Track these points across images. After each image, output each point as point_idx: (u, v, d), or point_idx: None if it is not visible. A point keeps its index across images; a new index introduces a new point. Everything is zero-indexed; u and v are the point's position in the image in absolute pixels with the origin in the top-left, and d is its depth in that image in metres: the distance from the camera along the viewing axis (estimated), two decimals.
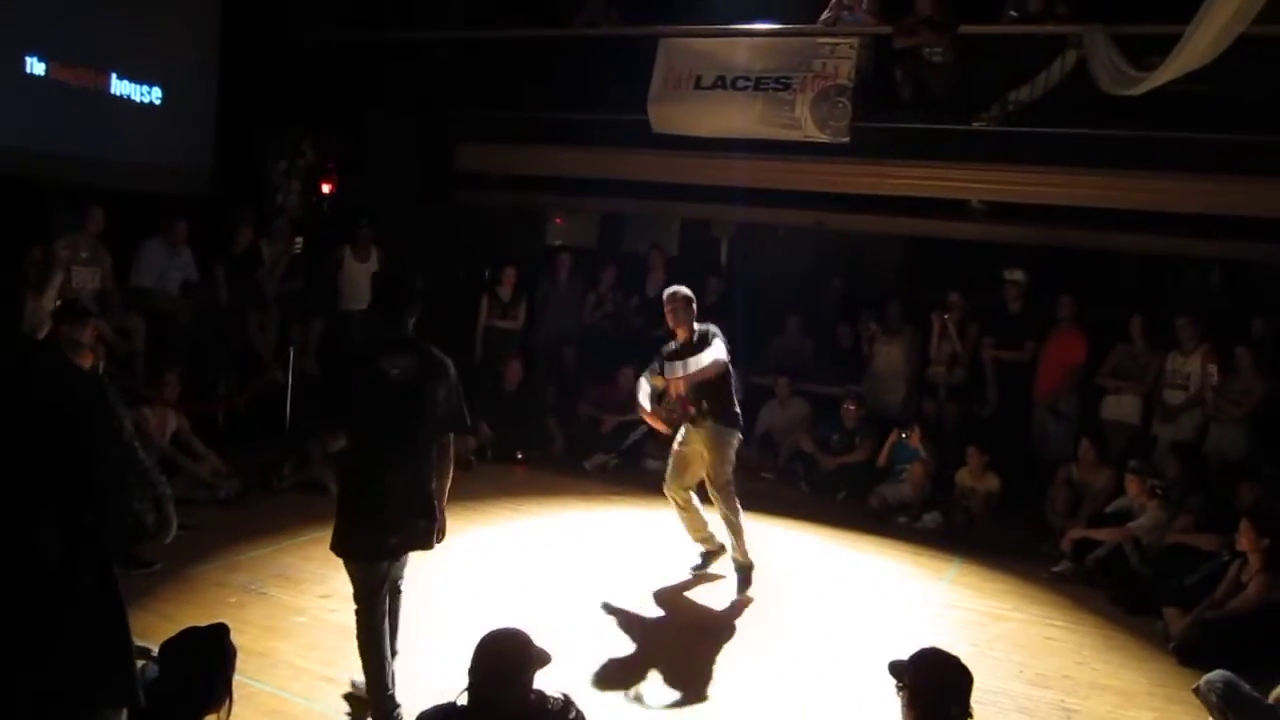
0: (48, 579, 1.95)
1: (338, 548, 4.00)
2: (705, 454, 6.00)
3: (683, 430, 6.09)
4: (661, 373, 5.98)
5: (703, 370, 5.78)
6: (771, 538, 7.34)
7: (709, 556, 6.37)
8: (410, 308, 3.99)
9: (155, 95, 9.27)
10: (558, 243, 12.23)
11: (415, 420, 3.90)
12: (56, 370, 2.02)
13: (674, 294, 5.98)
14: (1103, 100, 7.70)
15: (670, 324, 5.99)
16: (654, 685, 4.67)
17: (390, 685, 4.01)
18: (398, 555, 4.05)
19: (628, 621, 5.47)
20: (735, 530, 6.05)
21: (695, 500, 6.25)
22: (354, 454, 4.01)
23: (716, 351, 5.82)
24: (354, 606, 4.09)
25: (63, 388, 2.00)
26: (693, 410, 5.92)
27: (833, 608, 5.97)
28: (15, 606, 1.93)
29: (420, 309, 4.03)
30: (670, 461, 6.20)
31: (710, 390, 5.89)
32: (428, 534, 4.04)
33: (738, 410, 6.06)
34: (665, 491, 6.24)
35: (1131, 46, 7.50)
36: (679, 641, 5.26)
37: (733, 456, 6.04)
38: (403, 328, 3.97)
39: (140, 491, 2.04)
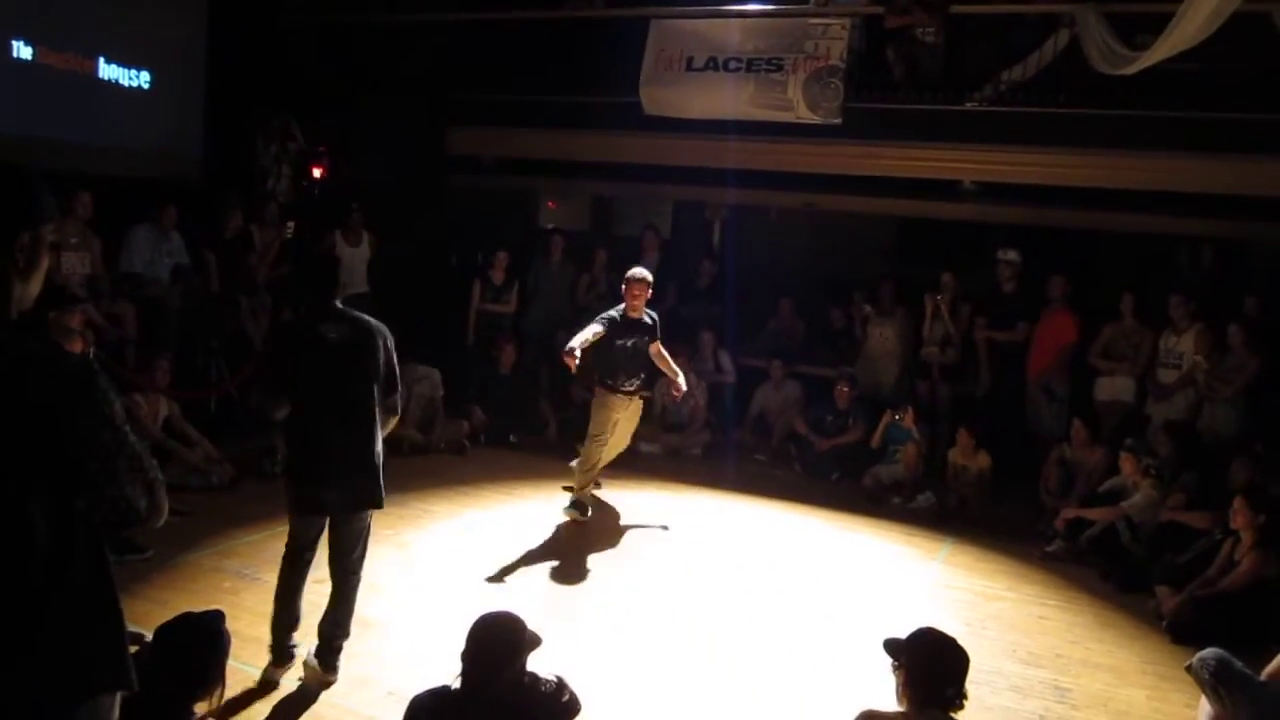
0: (39, 564, 1.94)
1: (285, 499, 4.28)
2: (629, 421, 7.01)
3: (611, 405, 6.85)
4: (613, 337, 6.66)
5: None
6: (765, 519, 7.37)
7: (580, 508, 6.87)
8: (336, 284, 4.31)
9: (144, 79, 9.21)
10: (550, 226, 12.20)
11: (355, 382, 4.12)
12: (44, 355, 2.00)
13: (645, 277, 6.80)
14: (1095, 79, 7.70)
15: (631, 302, 6.72)
16: (647, 666, 4.68)
17: (287, 633, 4.29)
18: (334, 512, 4.22)
19: (620, 604, 5.48)
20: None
21: None
22: (297, 416, 4.18)
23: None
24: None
25: (51, 373, 1.98)
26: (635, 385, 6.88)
27: (826, 588, 5.98)
28: (5, 591, 1.92)
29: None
30: (609, 433, 6.89)
31: (649, 368, 6.91)
32: (370, 492, 4.20)
33: None
34: (598, 456, 6.87)
35: (1124, 25, 7.48)
36: (672, 622, 5.25)
37: None
38: (332, 300, 4.21)
39: (131, 476, 2.03)
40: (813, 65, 8.70)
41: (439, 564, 5.87)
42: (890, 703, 3.08)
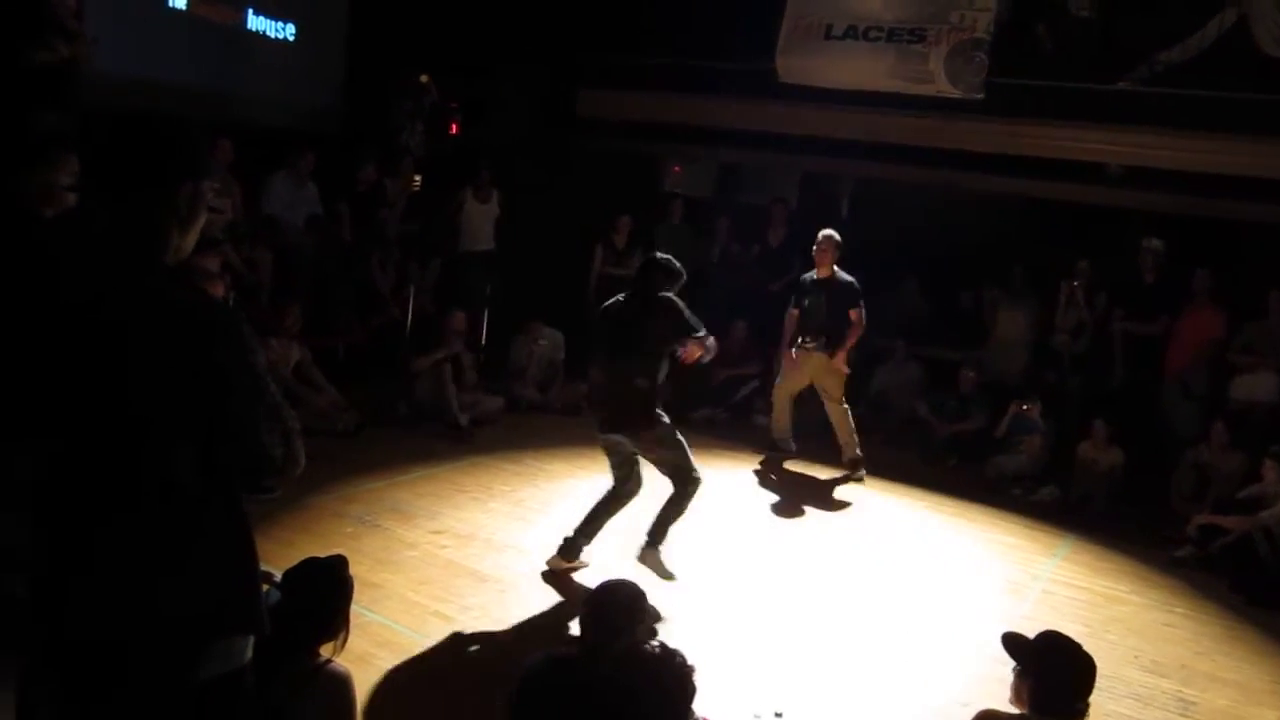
0: (182, 507, 1.99)
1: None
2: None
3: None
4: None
5: None
6: (878, 502, 7.25)
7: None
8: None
9: (289, 32, 9.44)
10: (677, 190, 12.11)
11: (630, 343, 5.03)
12: (194, 302, 2.05)
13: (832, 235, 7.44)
14: (1261, 63, 7.26)
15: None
16: (750, 644, 4.63)
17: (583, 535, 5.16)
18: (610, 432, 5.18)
19: (726, 578, 5.44)
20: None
21: None
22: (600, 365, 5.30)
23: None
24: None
25: (200, 320, 2.02)
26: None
27: (938, 578, 5.85)
28: (152, 532, 1.98)
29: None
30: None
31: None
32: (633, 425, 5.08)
33: None
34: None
35: None
36: (776, 600, 5.19)
37: None
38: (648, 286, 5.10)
39: (269, 425, 2.06)
40: (956, 37, 8.44)
41: (554, 523, 5.89)
42: (1002, 703, 2.99)
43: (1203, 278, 8.08)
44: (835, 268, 7.45)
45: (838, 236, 7.46)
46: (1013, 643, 2.93)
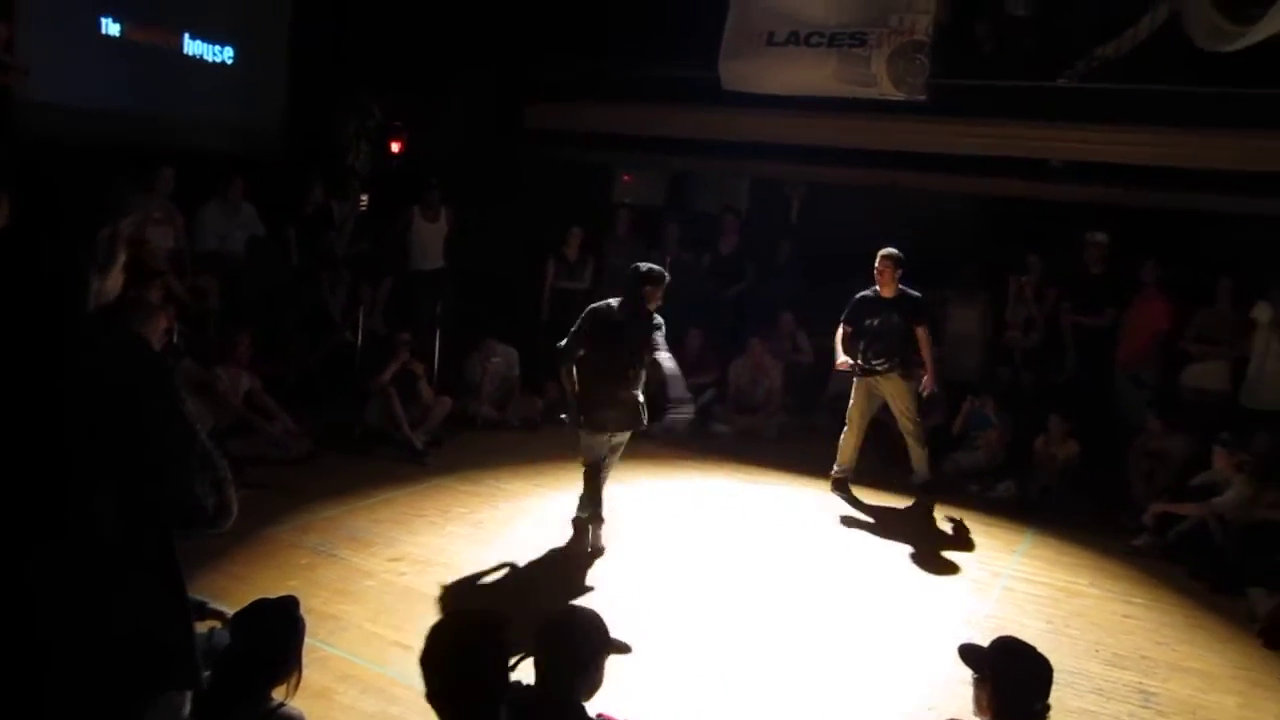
0: (105, 556, 1.94)
1: (580, 422, 5.70)
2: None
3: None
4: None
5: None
6: (838, 504, 7.26)
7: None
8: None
9: (227, 55, 9.32)
10: (624, 200, 12.10)
11: (625, 351, 5.59)
12: (122, 346, 2.01)
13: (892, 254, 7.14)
14: (1194, 56, 7.38)
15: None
16: (713, 657, 4.61)
17: (599, 503, 5.79)
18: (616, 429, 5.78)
19: (684, 588, 5.41)
20: None
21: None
22: (590, 370, 5.65)
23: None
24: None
25: (127, 365, 1.98)
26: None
27: (901, 580, 5.86)
28: (72, 583, 1.92)
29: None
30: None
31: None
32: (634, 419, 5.76)
33: None
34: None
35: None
36: (740, 610, 5.17)
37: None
38: (632, 302, 5.62)
39: (201, 474, 2.02)
40: (897, 40, 8.50)
41: (514, 544, 5.84)
42: (965, 710, 2.99)
43: (1150, 268, 8.19)
44: (901, 285, 7.14)
45: (899, 254, 7.11)
46: (968, 652, 2.93)
